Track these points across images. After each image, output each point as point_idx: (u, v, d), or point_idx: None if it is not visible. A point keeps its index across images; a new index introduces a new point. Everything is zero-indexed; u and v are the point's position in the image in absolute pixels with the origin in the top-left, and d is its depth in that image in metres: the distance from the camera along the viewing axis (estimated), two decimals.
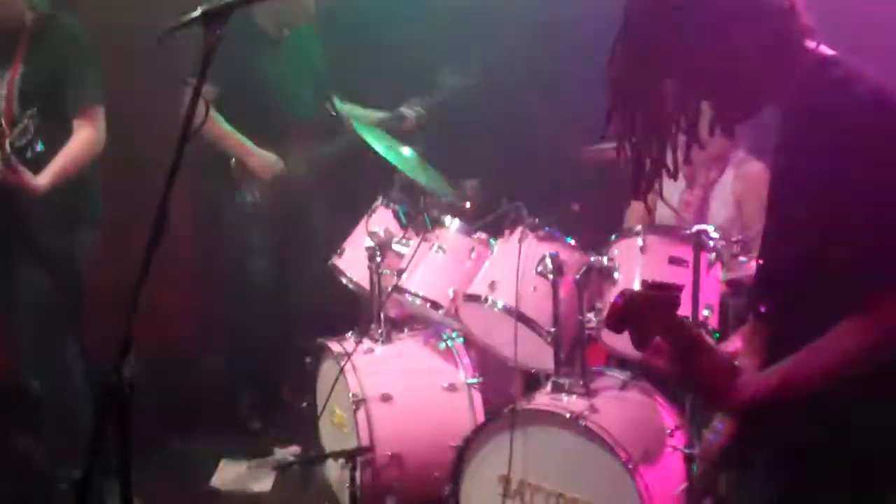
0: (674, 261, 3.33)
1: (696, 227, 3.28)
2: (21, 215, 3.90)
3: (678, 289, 1.95)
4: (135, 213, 4.08)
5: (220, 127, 4.60)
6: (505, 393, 4.06)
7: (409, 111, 4.96)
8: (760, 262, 2.14)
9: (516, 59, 4.96)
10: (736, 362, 2.03)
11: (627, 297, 1.91)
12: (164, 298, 4.72)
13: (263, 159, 4.76)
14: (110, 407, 2.10)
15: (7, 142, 3.67)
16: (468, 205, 4.32)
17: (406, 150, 4.32)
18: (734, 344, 2.25)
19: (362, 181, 4.71)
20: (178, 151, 2.17)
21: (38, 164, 3.82)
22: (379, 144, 4.19)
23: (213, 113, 4.46)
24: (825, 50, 1.96)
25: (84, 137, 3.97)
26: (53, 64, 3.93)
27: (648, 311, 1.90)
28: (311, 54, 4.94)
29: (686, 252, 3.29)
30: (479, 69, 4.95)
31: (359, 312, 4.50)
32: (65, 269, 4.04)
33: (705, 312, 3.27)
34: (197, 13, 2.19)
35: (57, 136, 3.92)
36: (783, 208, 2.01)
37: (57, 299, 4.02)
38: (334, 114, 4.97)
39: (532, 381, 3.85)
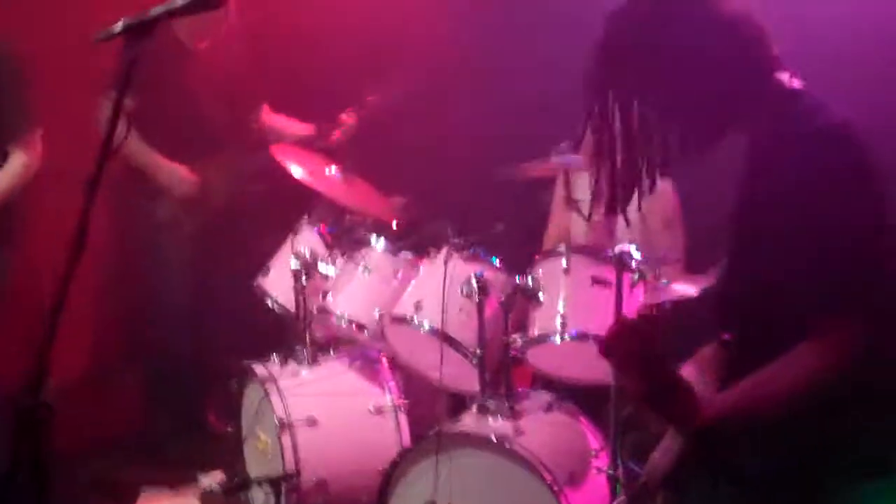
0: (597, 281, 3.35)
1: (618, 248, 3.30)
2: None
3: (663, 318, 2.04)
4: (46, 228, 4.05)
5: (133, 141, 4.51)
6: (431, 415, 4.04)
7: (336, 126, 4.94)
8: (723, 288, 2.20)
9: (444, 75, 4.96)
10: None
11: (627, 326, 2.01)
12: (79, 317, 4.60)
13: (175, 175, 4.69)
14: (24, 433, 2.03)
15: None
16: (395, 224, 4.31)
17: (330, 170, 4.31)
18: (686, 371, 2.24)
19: (288, 198, 4.66)
20: (98, 167, 2.11)
21: None
22: (298, 169, 4.16)
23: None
24: (795, 83, 2.02)
25: (19, 164, 3.95)
26: None
27: (639, 342, 1.96)
28: (232, 65, 4.89)
29: (609, 272, 3.31)
30: (401, 87, 4.95)
31: (283, 333, 4.46)
32: None
33: None
34: (118, 27, 2.15)
35: None
36: (745, 237, 2.05)
37: None
38: (256, 126, 4.95)
39: (458, 404, 3.83)
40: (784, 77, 2.02)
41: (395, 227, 4.22)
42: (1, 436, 3.84)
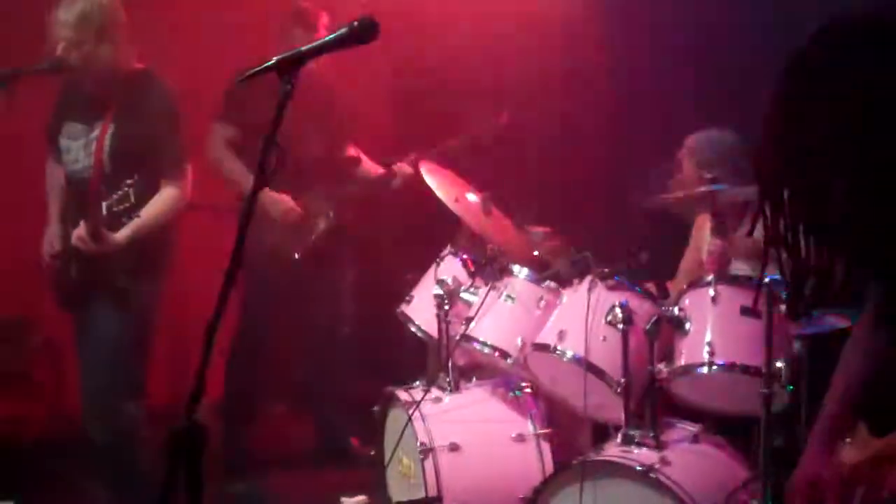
0: (746, 311, 3.28)
1: (769, 277, 3.23)
2: (100, 263, 3.98)
3: None
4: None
5: (240, 167, 4.74)
6: (574, 444, 4.01)
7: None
8: None
9: (585, 105, 4.96)
10: None
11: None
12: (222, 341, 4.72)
13: (281, 205, 4.82)
14: (182, 453, 2.10)
15: (104, 205, 3.77)
16: (536, 253, 4.31)
17: (473, 198, 4.34)
18: None
19: (430, 228, 4.72)
20: (250, 198, 2.20)
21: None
22: (443, 192, 4.21)
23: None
24: None
25: (169, 196, 4.08)
26: (146, 125, 4.02)
27: None
28: (328, 99, 5.00)
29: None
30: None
31: (425, 360, 4.51)
32: (138, 317, 4.11)
33: (778, 365, 3.21)
34: (271, 62, 2.23)
35: (148, 195, 4.01)
36: None
37: (127, 346, 4.08)
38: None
39: (601, 433, 3.80)
40: None
41: (536, 256, 4.24)
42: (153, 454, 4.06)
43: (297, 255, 4.90)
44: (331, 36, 2.28)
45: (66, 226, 4.07)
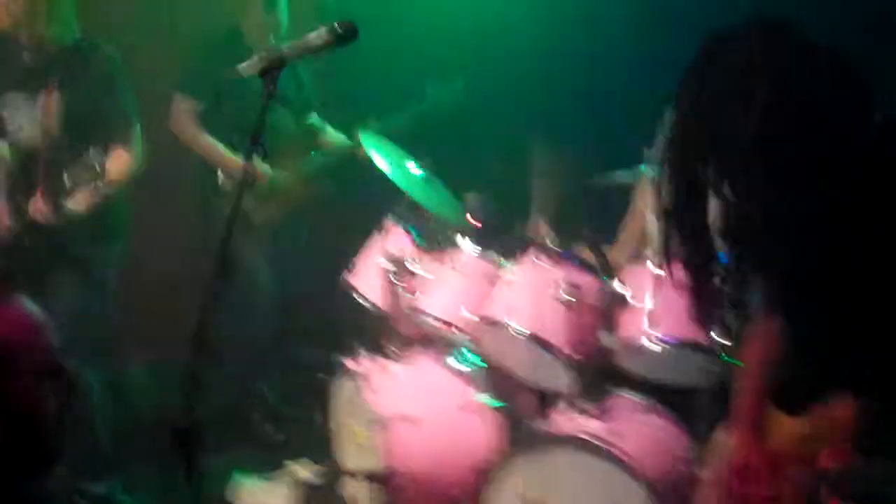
0: None
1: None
2: (57, 233, 3.99)
3: None
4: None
5: (206, 139, 4.69)
6: (523, 415, 4.13)
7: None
8: None
9: (530, 75, 4.97)
10: None
11: None
12: (170, 311, 4.73)
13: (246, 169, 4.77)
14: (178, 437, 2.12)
15: (65, 176, 3.74)
16: (471, 219, 4.36)
17: (414, 167, 4.38)
18: None
19: (368, 196, 4.72)
20: (237, 202, 2.24)
21: None
22: (389, 163, 4.24)
23: (198, 126, 4.66)
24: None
25: (120, 160, 4.10)
26: (93, 90, 4.04)
27: None
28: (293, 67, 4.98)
29: None
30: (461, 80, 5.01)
31: (367, 329, 4.56)
32: (99, 284, 4.12)
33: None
34: (256, 68, 2.27)
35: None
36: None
37: (83, 311, 4.08)
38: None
39: (549, 403, 3.91)
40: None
41: (479, 226, 4.30)
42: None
43: None
44: (314, 40, 2.31)
45: (14, 199, 4.04)
